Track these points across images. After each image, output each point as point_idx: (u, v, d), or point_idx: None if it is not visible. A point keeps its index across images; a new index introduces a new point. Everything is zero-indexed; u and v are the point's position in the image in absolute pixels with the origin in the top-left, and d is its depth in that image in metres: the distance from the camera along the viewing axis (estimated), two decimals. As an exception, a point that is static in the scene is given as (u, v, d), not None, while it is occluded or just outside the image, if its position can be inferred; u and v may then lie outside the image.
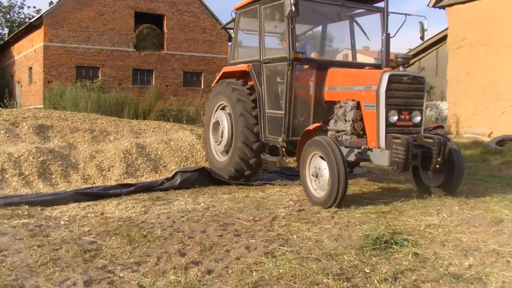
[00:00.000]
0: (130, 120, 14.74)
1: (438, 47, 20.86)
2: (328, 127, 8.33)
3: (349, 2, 9.16)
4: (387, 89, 7.37)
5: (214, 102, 10.30)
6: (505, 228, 5.77)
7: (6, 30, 56.16)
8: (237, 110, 9.27)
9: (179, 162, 10.40)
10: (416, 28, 9.16)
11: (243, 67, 9.50)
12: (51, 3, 34.51)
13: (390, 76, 7.42)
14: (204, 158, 10.70)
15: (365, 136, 7.85)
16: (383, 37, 8.24)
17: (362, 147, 7.75)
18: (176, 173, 8.87)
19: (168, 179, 8.80)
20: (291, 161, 11.86)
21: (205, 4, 34.99)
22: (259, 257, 4.62)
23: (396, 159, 7.11)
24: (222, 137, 9.73)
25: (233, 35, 10.42)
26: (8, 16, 57.43)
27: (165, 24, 34.05)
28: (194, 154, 10.78)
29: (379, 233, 5.15)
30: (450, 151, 7.82)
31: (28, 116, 11.87)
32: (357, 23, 9.72)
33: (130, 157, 10.01)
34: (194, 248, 4.92)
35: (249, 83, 9.49)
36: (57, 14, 30.56)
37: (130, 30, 32.69)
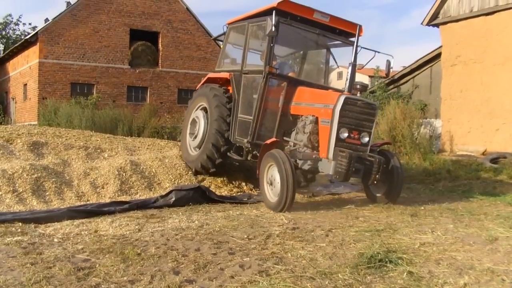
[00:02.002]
0: (124, 137, 14.71)
1: (432, 65, 20.89)
2: (289, 139, 9.67)
3: (326, 32, 10.20)
4: (342, 109, 8.52)
5: (195, 103, 11.63)
6: (500, 246, 5.77)
7: (1, 47, 56.19)
8: (213, 104, 10.49)
9: (173, 180, 10.37)
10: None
11: (225, 74, 10.75)
12: (46, 19, 34.60)
13: (346, 98, 8.60)
14: (197, 177, 10.70)
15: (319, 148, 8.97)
16: (349, 67, 9.49)
17: (313, 157, 8.87)
18: (171, 191, 8.85)
19: (162, 197, 8.78)
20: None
21: (200, 22, 35.15)
22: (253, 276, 4.60)
23: (339, 169, 8.25)
24: (198, 133, 10.94)
25: (221, 46, 11.69)
26: (4, 33, 57.50)
27: (160, 41, 34.17)
28: (188, 171, 10.76)
29: (374, 251, 5.14)
30: (392, 167, 9.21)
31: (22, 133, 11.83)
32: (330, 52, 11.06)
33: (124, 174, 9.98)
34: (188, 267, 4.89)
35: (229, 89, 10.67)
36: (53, 31, 30.65)
37: (125, 47, 32.78)
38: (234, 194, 10.19)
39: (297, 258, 5.22)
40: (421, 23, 19.19)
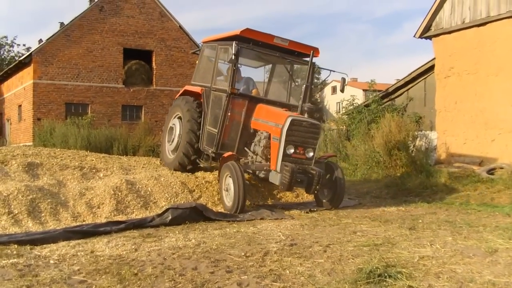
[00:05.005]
0: (119, 156, 14.69)
1: (426, 77, 20.90)
2: (249, 150, 11.05)
3: (285, 54, 11.39)
4: (288, 129, 9.90)
5: (172, 112, 12.92)
6: (500, 258, 5.73)
7: (-5, 69, 56.28)
8: (186, 116, 11.78)
9: (169, 198, 10.31)
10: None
11: (198, 89, 11.88)
12: (40, 40, 34.67)
13: (292, 119, 9.97)
14: (193, 195, 10.67)
15: None
16: (303, 87, 11.10)
17: (265, 168, 10.42)
18: (167, 209, 8.79)
19: (158, 215, 8.71)
20: (282, 197, 11.86)
21: (193, 40, 35.25)
22: (251, 294, 4.55)
23: (284, 181, 9.69)
24: (174, 138, 12.27)
25: (197, 61, 12.92)
26: (-2, 55, 57.67)
27: (153, 60, 34.28)
28: (184, 190, 10.70)
29: (373, 266, 5.10)
30: (335, 177, 10.70)
31: (17, 154, 11.80)
32: (288, 70, 12.13)
33: (120, 194, 9.92)
34: (185, 286, 4.85)
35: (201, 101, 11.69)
36: (47, 52, 30.75)
37: (119, 66, 32.87)
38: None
39: (295, 274, 5.18)
40: (414, 36, 19.23)
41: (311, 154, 10.19)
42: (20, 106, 33.67)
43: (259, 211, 9.91)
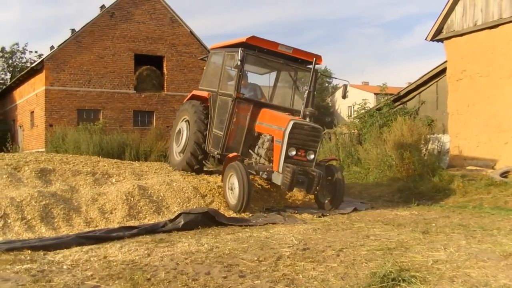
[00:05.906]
0: (131, 161, 14.72)
1: (438, 80, 20.80)
2: (253, 152, 11.43)
3: (289, 61, 11.91)
4: (290, 132, 10.36)
5: (180, 116, 13.44)
6: (514, 262, 5.68)
7: (8, 75, 56.64)
8: (193, 119, 12.26)
9: (181, 203, 10.31)
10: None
11: (205, 93, 12.38)
12: (52, 47, 34.86)
13: (294, 123, 10.44)
14: (205, 200, 10.66)
15: None
16: (305, 94, 11.30)
17: (267, 169, 10.81)
18: (179, 215, 8.79)
19: (171, 221, 8.72)
20: (295, 200, 11.85)
21: (204, 45, 35.30)
22: (265, 299, 4.53)
23: (285, 181, 10.12)
24: (181, 141, 12.82)
25: (205, 67, 13.44)
26: (10, 61, 58.00)
27: (165, 65, 34.37)
28: (196, 194, 10.70)
29: (386, 270, 5.06)
30: (335, 179, 11.15)
31: (30, 160, 11.85)
32: (292, 77, 12.84)
33: (132, 199, 9.93)
34: (198, 291, 4.83)
35: (208, 105, 12.18)
36: (58, 58, 30.92)
37: (130, 72, 32.98)
38: (243, 216, 10.11)
39: (308, 279, 5.16)
40: (425, 39, 19.17)
41: (312, 156, 10.65)
42: (32, 112, 33.86)
43: (271, 216, 9.89)
